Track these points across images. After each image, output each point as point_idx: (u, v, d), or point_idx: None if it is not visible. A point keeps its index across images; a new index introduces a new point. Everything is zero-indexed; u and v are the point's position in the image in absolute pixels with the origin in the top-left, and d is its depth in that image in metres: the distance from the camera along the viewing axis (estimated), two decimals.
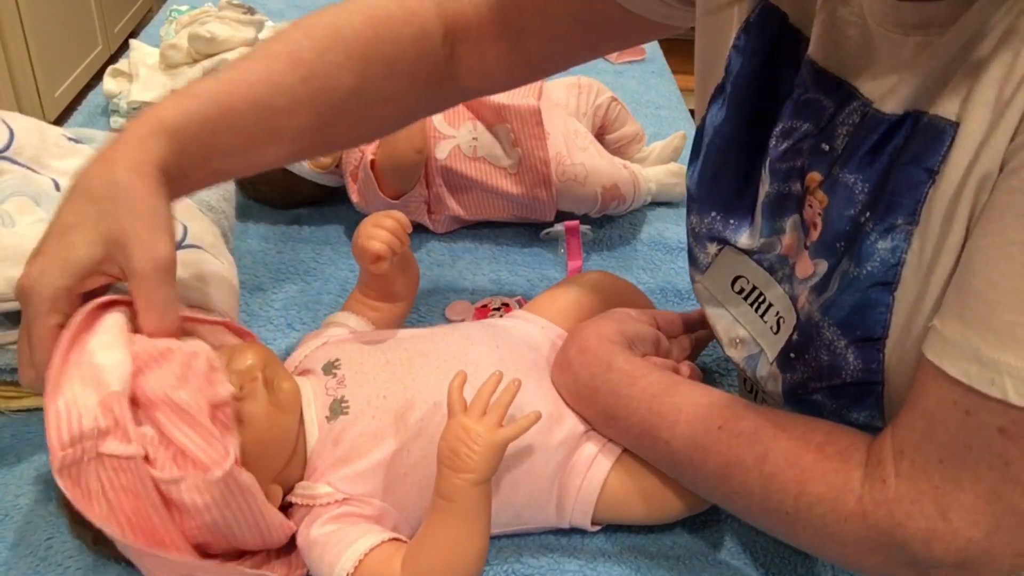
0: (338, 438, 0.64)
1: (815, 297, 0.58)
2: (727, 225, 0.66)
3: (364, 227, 0.72)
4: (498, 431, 0.60)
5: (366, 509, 0.63)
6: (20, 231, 0.72)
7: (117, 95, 1.21)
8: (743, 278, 0.66)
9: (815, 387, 0.59)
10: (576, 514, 0.68)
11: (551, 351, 0.73)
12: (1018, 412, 0.46)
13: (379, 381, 0.66)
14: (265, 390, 0.62)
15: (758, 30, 0.61)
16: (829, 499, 0.55)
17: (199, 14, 1.27)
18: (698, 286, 0.71)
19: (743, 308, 0.67)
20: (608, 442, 0.69)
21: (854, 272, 0.54)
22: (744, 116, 0.63)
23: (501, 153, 1.02)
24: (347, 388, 0.66)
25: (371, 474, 0.63)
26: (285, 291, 0.94)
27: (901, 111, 0.52)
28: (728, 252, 0.67)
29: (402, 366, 0.67)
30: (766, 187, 0.62)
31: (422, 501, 0.63)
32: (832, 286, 0.56)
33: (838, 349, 0.56)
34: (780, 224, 0.62)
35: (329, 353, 0.69)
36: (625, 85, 1.43)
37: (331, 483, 0.63)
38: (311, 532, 0.61)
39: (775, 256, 0.64)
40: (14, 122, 0.85)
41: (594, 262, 1.03)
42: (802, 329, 0.59)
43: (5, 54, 2.32)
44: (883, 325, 0.53)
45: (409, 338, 0.71)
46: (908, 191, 0.51)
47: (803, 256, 0.60)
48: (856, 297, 0.54)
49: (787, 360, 0.61)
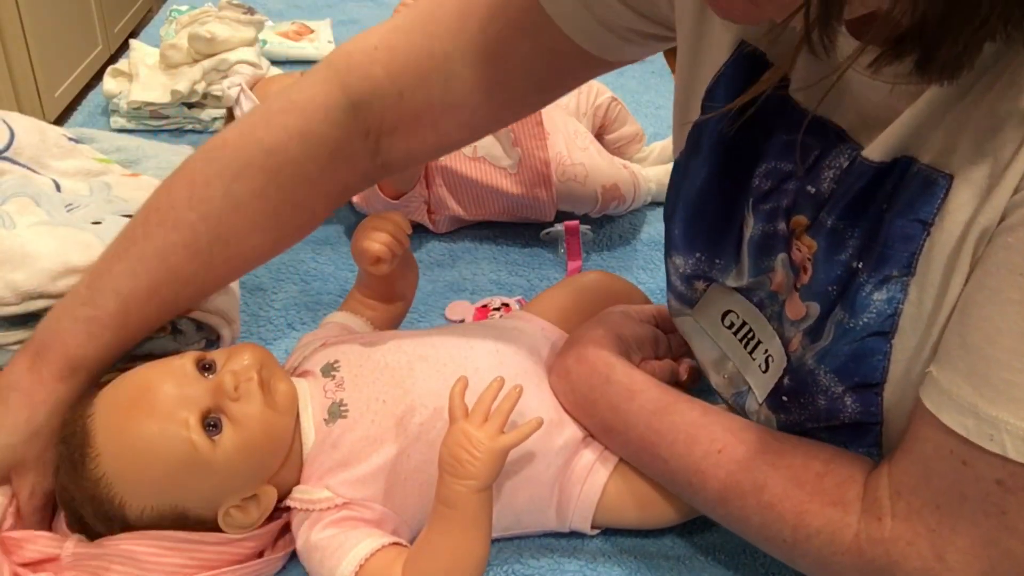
0: (337, 441, 0.64)
1: (809, 343, 0.57)
2: (713, 265, 0.65)
3: (363, 228, 0.72)
4: (500, 438, 0.60)
5: (366, 513, 0.63)
6: (20, 232, 0.72)
7: (117, 95, 1.21)
8: (733, 313, 0.66)
9: (812, 427, 0.59)
10: (576, 518, 0.67)
11: (551, 354, 0.73)
12: (1016, 466, 0.46)
13: (379, 385, 0.66)
14: (260, 391, 0.62)
15: (734, 73, 0.60)
16: (827, 532, 0.55)
17: (199, 14, 1.27)
18: (685, 320, 0.70)
19: (732, 343, 0.66)
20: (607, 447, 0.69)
21: (849, 323, 0.53)
22: (724, 157, 0.62)
23: (501, 153, 1.02)
24: (346, 391, 0.65)
25: (371, 479, 0.63)
26: (285, 291, 0.94)
27: (889, 158, 0.51)
28: (716, 288, 0.67)
29: (401, 370, 0.67)
30: (751, 228, 0.61)
31: (422, 505, 0.63)
32: (827, 334, 0.56)
33: (835, 395, 0.56)
34: (768, 263, 0.61)
35: (328, 355, 0.69)
36: (625, 85, 1.43)
37: (330, 487, 0.63)
38: (311, 536, 0.61)
39: (765, 293, 0.63)
40: (14, 122, 0.85)
41: (594, 262, 1.03)
42: (796, 374, 0.59)
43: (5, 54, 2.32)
44: (881, 371, 0.53)
45: (408, 341, 0.71)
46: (902, 242, 0.51)
47: (794, 297, 0.59)
48: (853, 347, 0.54)
49: (780, 403, 0.60)
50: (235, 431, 0.61)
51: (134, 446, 0.59)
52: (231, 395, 0.61)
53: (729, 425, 0.62)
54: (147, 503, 0.60)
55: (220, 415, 0.61)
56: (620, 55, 0.67)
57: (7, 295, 0.68)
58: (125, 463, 0.59)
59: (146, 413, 0.60)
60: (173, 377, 0.62)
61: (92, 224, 0.76)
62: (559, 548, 0.69)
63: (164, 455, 0.59)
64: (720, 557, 0.69)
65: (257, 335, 0.88)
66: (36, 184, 0.81)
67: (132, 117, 1.20)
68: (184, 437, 0.59)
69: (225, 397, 0.61)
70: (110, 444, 0.60)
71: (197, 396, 0.61)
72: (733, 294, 0.65)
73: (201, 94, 1.21)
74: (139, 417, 0.60)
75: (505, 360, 0.69)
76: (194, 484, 0.60)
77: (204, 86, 1.20)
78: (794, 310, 0.59)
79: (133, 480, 0.60)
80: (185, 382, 0.62)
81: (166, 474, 0.60)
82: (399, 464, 0.64)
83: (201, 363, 0.63)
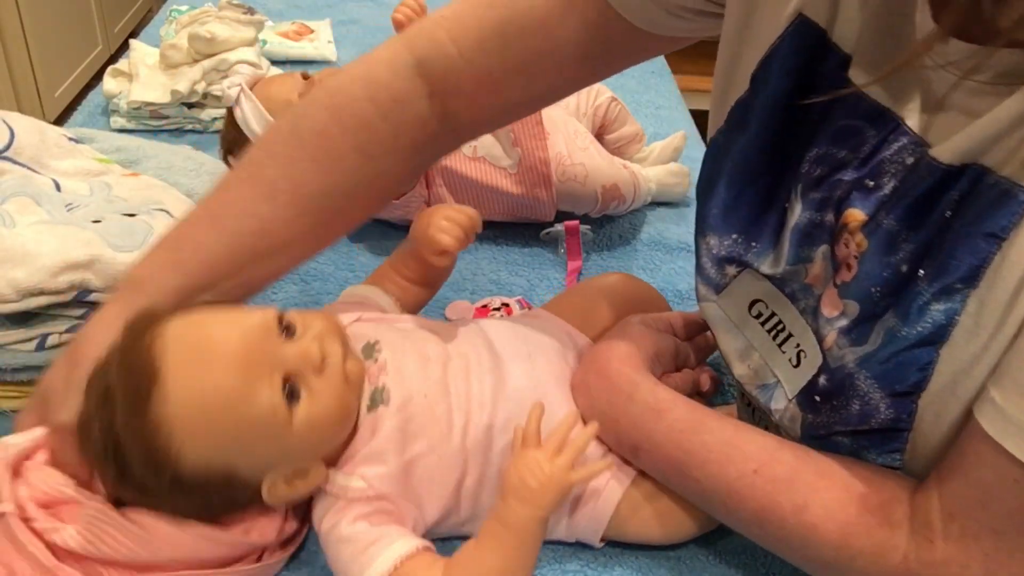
0: (375, 429, 0.62)
1: (848, 346, 0.55)
2: (748, 248, 0.62)
3: (435, 217, 0.70)
4: (571, 473, 0.60)
5: (392, 507, 0.62)
6: (20, 231, 0.72)
7: (117, 95, 1.21)
8: (761, 302, 0.64)
9: (839, 431, 0.57)
10: (587, 532, 0.67)
11: (576, 360, 0.72)
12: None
13: (420, 378, 0.64)
14: (342, 367, 0.60)
15: (792, 46, 0.57)
16: (872, 554, 0.54)
17: (199, 14, 1.27)
18: (710, 307, 0.67)
19: (759, 333, 0.64)
20: (624, 462, 0.67)
21: (901, 331, 0.52)
22: (772, 136, 0.59)
23: (501, 153, 1.02)
24: (389, 377, 0.64)
25: (402, 474, 0.62)
26: (285, 291, 0.94)
27: (959, 162, 0.49)
28: (748, 274, 0.64)
29: (442, 366, 0.66)
30: (796, 214, 0.59)
31: (440, 506, 0.63)
32: (873, 340, 0.54)
33: (872, 400, 0.54)
34: (808, 253, 0.59)
35: (367, 333, 0.67)
36: (625, 85, 1.43)
37: (365, 478, 0.61)
38: (342, 527, 0.60)
39: (799, 285, 0.61)
40: (14, 122, 0.85)
41: (594, 262, 1.03)
42: (833, 375, 0.57)
43: (5, 54, 2.32)
44: (924, 380, 0.51)
45: (447, 333, 0.70)
46: (968, 254, 0.48)
47: (831, 292, 0.57)
48: (900, 355, 0.52)
49: (812, 402, 0.58)
50: (312, 403, 0.58)
51: (211, 397, 0.56)
52: (316, 366, 0.59)
53: (764, 443, 0.61)
54: (204, 458, 0.57)
55: (299, 383, 0.58)
56: (667, 29, 0.65)
57: (7, 292, 0.68)
58: (196, 413, 0.56)
59: (229, 365, 0.57)
60: (258, 332, 0.59)
61: (92, 223, 0.76)
62: (560, 548, 0.68)
63: (242, 413, 0.56)
64: (721, 557, 0.69)
65: None
66: (36, 184, 0.81)
67: (132, 117, 1.20)
68: (267, 398, 0.57)
69: (309, 367, 0.59)
70: (184, 389, 0.56)
71: (282, 358, 0.58)
72: (764, 283, 0.63)
73: (201, 94, 1.21)
74: (221, 366, 0.57)
75: (538, 365, 0.68)
76: (260, 448, 0.58)
77: (204, 86, 1.20)
78: (830, 306, 0.57)
79: (200, 432, 0.56)
80: (270, 339, 0.59)
81: (237, 433, 0.57)
82: (427, 461, 0.63)
83: (282, 322, 0.61)
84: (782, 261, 0.60)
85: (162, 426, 0.56)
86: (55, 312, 0.72)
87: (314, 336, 0.60)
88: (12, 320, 0.71)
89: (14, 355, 0.72)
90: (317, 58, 1.44)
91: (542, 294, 0.97)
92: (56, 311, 0.72)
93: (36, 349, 0.72)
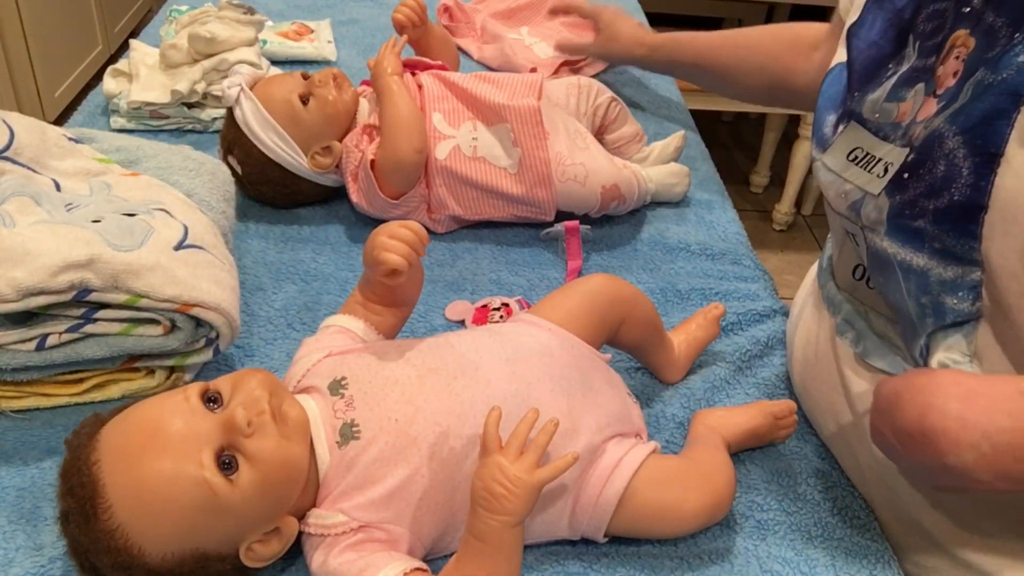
0: (351, 464, 0.62)
1: (939, 113, 0.61)
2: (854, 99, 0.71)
3: (379, 238, 0.69)
4: (536, 473, 0.59)
5: (381, 535, 0.61)
6: (20, 231, 0.72)
7: (117, 95, 1.21)
8: (859, 148, 0.70)
9: (922, 207, 0.60)
10: (590, 528, 0.67)
11: (561, 353, 0.71)
12: None
13: (389, 402, 0.64)
14: (274, 423, 0.60)
15: None
16: None
17: (199, 14, 1.27)
18: (817, 163, 0.75)
19: (853, 170, 0.70)
20: (624, 457, 0.67)
21: (989, 79, 0.57)
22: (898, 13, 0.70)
23: (501, 153, 1.02)
24: (356, 410, 0.64)
25: (385, 501, 0.62)
26: (285, 291, 0.94)
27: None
28: (849, 129, 0.71)
29: (412, 385, 0.65)
30: (911, 62, 0.67)
31: (436, 523, 0.63)
32: (964, 95, 0.59)
33: (956, 160, 0.58)
34: (904, 93, 0.67)
35: (334, 369, 0.67)
36: (625, 85, 1.43)
37: (345, 511, 0.61)
38: (329, 560, 0.60)
39: (889, 125, 0.68)
40: (14, 122, 0.85)
41: (594, 262, 1.03)
42: (921, 147, 0.62)
43: (5, 54, 2.31)
44: (1003, 139, 0.56)
45: (417, 352, 0.68)
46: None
47: (927, 103, 0.64)
48: (986, 104, 0.57)
49: (899, 182, 0.63)
50: (252, 468, 0.58)
51: (148, 493, 0.57)
52: (244, 432, 0.58)
53: None
54: (167, 549, 0.58)
55: (234, 452, 0.59)
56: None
57: (7, 292, 0.68)
58: (141, 511, 0.57)
59: (157, 456, 0.57)
60: (180, 414, 0.59)
61: (92, 223, 0.76)
62: (562, 549, 0.69)
63: (181, 500, 0.57)
64: (721, 557, 0.69)
65: (257, 335, 0.88)
66: (36, 184, 0.81)
67: (132, 117, 1.20)
68: (200, 479, 0.57)
69: (238, 434, 0.59)
70: (122, 493, 0.57)
71: (208, 433, 0.58)
72: (861, 132, 0.70)
73: (201, 94, 1.21)
74: (150, 461, 0.57)
75: (517, 369, 0.68)
76: (215, 526, 0.58)
77: (204, 86, 1.20)
78: (925, 112, 0.64)
79: (151, 528, 0.57)
80: (193, 419, 0.59)
81: (185, 519, 0.57)
82: (413, 484, 0.62)
83: (206, 395, 0.61)
84: (880, 100, 0.69)
85: (115, 532, 0.57)
86: (55, 312, 0.72)
87: (240, 401, 0.60)
88: (12, 320, 0.71)
89: (14, 355, 0.71)
90: (317, 58, 1.44)
91: (542, 294, 0.96)
92: (56, 311, 0.71)
93: (36, 349, 0.72)
